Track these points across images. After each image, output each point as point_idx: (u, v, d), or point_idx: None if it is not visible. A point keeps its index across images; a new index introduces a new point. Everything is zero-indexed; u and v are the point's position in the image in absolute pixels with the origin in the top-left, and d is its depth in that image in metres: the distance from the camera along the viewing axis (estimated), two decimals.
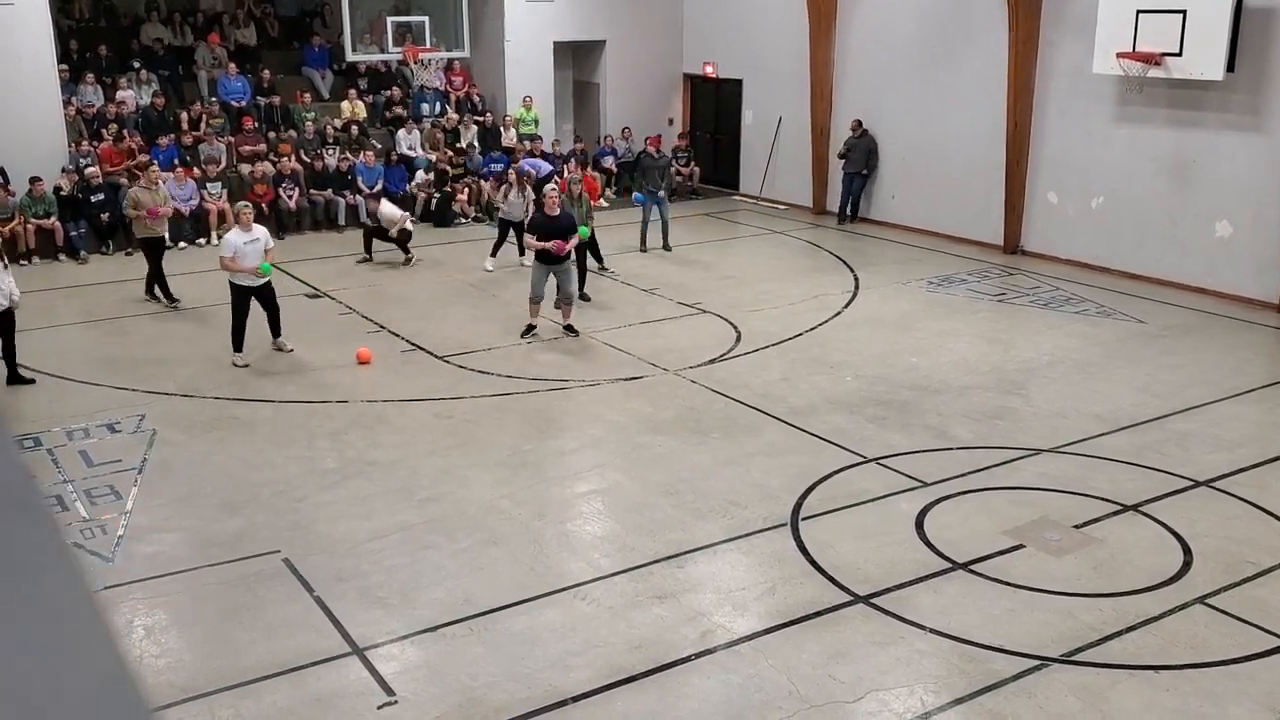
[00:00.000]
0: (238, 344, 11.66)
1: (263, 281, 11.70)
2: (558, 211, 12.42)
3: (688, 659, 6.43)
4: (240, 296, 11.69)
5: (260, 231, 11.79)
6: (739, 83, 21.53)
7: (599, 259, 15.50)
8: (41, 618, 0.57)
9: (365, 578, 7.36)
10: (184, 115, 18.78)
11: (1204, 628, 6.78)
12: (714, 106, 22.52)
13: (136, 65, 19.23)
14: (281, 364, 11.78)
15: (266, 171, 18.15)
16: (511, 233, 15.71)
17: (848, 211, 19.10)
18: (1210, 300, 14.22)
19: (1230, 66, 13.58)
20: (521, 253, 15.73)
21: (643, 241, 16.90)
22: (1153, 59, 14.05)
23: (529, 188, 15.84)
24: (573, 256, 12.72)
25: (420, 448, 9.60)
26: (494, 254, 15.95)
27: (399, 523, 8.16)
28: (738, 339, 12.71)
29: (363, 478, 8.99)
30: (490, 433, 9.97)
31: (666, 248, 16.84)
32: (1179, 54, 13.83)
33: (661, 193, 16.71)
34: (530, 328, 12.63)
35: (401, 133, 19.88)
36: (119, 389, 10.99)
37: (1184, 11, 13.67)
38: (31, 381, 11.15)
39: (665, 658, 6.44)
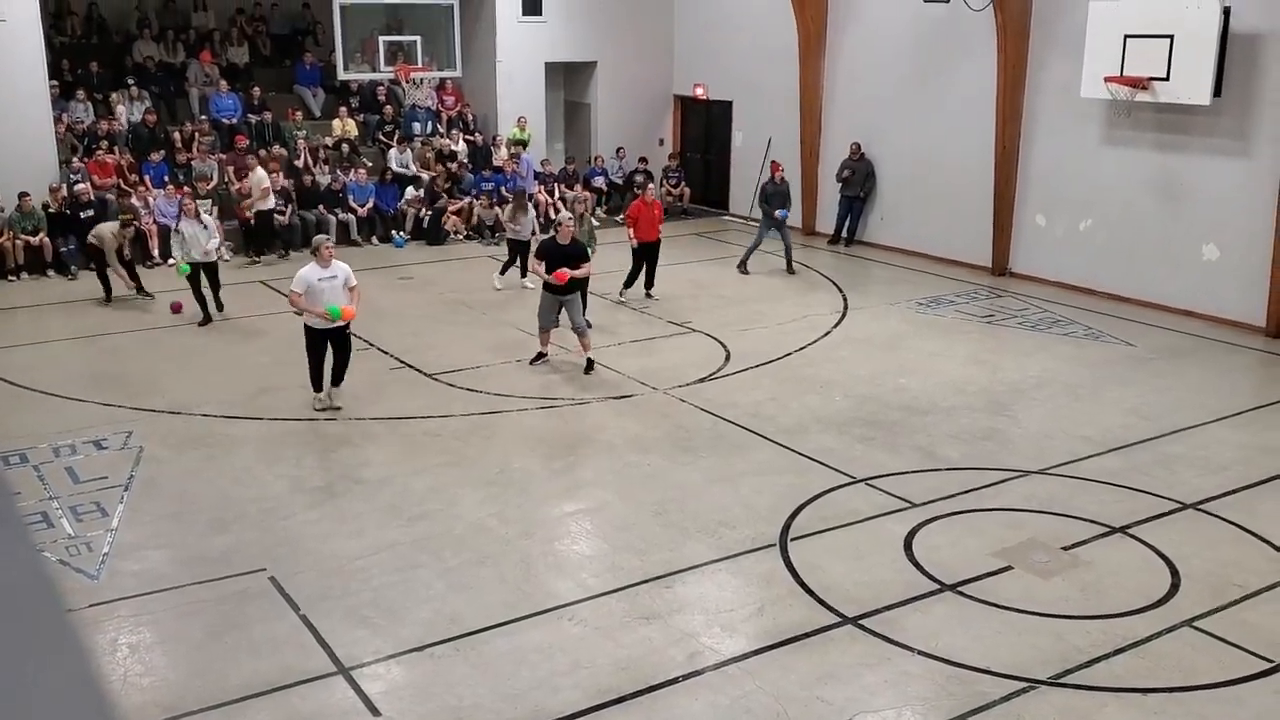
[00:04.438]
0: (316, 384, 10.76)
1: (334, 326, 10.48)
2: (569, 240, 12.17)
3: (675, 680, 6.40)
4: (312, 339, 10.60)
5: (340, 268, 10.61)
6: (729, 104, 21.63)
7: (631, 283, 15.36)
8: (13, 636, 0.56)
9: (352, 596, 7.32)
10: (176, 133, 18.80)
11: (1192, 650, 6.78)
12: (704, 127, 22.61)
13: (130, 82, 19.24)
14: (270, 382, 11.74)
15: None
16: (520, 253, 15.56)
17: (843, 235, 19.12)
18: (1198, 323, 14.28)
19: (1217, 91, 13.69)
20: (524, 274, 15.67)
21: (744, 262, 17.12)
22: (1140, 83, 14.16)
23: (530, 205, 15.76)
24: (585, 285, 12.46)
25: (408, 466, 9.58)
26: (503, 273, 15.87)
27: (386, 541, 8.12)
28: (727, 358, 12.72)
29: (350, 496, 8.95)
30: (479, 451, 9.95)
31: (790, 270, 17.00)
32: (1166, 78, 13.94)
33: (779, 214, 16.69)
34: (540, 355, 12.31)
35: (394, 151, 19.92)
36: (106, 405, 10.94)
37: (1171, 36, 13.79)
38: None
39: (653, 679, 6.41)
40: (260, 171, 17.45)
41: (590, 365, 12.16)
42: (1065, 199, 16.09)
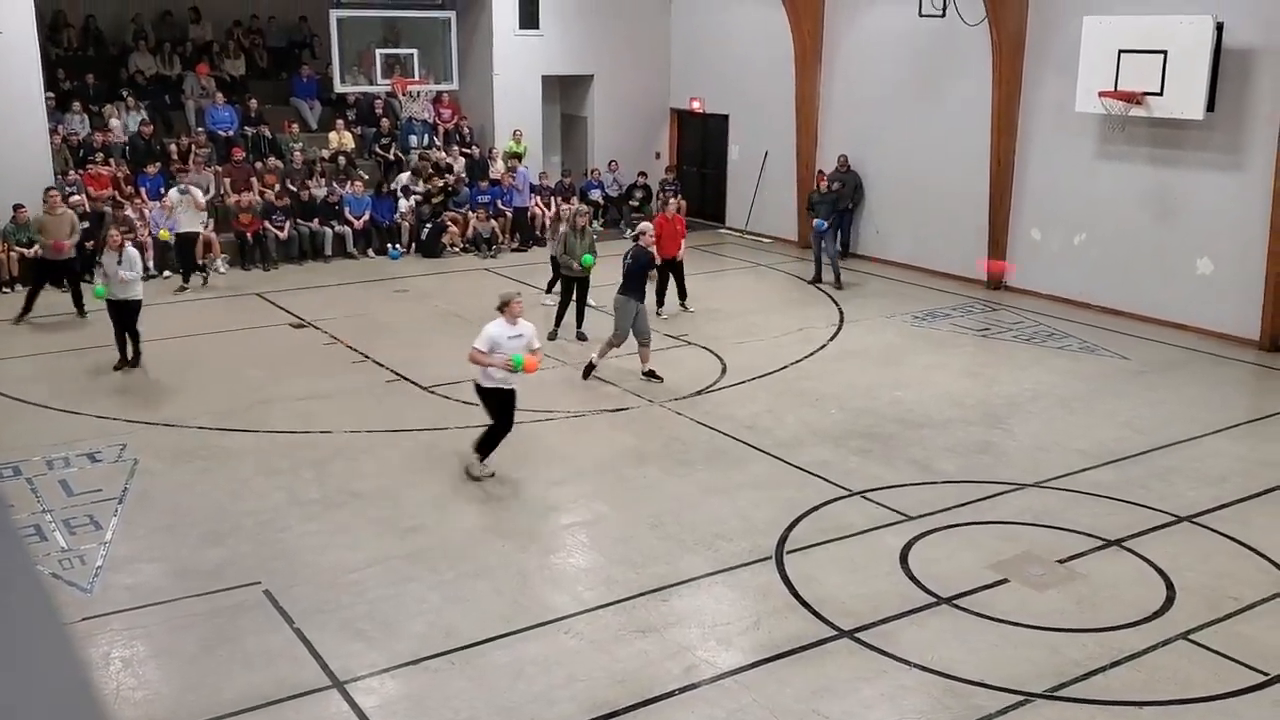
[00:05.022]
0: (486, 449, 9.60)
1: (510, 388, 9.58)
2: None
3: (671, 694, 6.39)
4: (490, 400, 9.57)
5: (527, 327, 9.56)
6: (725, 118, 21.68)
7: (662, 300, 15.33)
8: (10, 648, 0.56)
9: (347, 609, 7.31)
10: (173, 145, 18.80)
11: (1188, 663, 6.78)
12: (700, 141, 22.66)
13: (125, 94, 19.26)
14: (265, 394, 11.72)
15: (254, 202, 18.16)
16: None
17: (837, 246, 19.17)
18: (1192, 336, 14.31)
19: (1210, 106, 13.74)
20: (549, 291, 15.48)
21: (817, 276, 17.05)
22: (1134, 98, 14.21)
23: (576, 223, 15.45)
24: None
25: (404, 478, 9.56)
26: (549, 290, 15.63)
27: (381, 554, 8.11)
28: (723, 371, 12.73)
29: (346, 508, 8.94)
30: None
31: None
32: (1160, 93, 13.99)
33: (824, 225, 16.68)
34: (591, 367, 12.30)
35: (405, 175, 19.83)
36: (100, 418, 10.92)
37: (1165, 52, 13.84)
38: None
39: (649, 692, 6.40)
40: (194, 190, 16.36)
41: (652, 375, 12.19)
42: (1060, 213, 16.13)
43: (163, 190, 17.73)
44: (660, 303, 15.31)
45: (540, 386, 12.13)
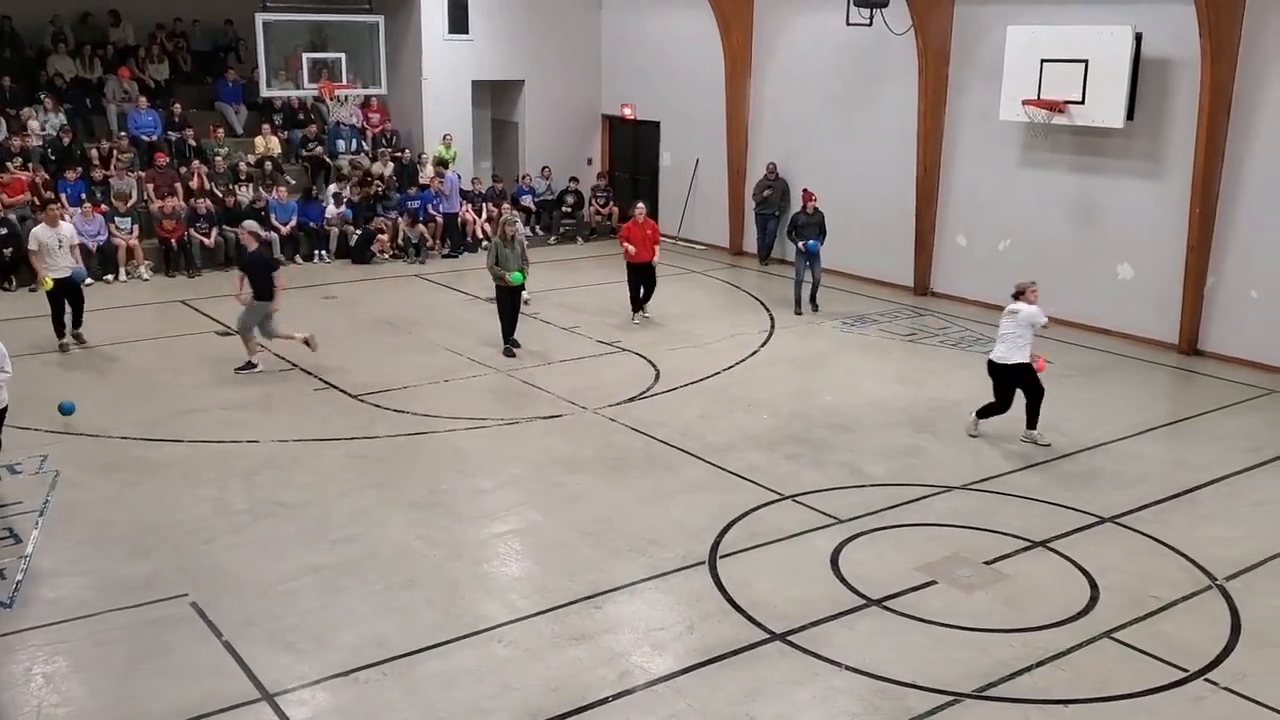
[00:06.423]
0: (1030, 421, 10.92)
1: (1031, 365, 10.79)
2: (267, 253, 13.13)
3: (605, 700, 6.39)
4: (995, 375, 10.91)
5: (1025, 309, 10.74)
6: (657, 125, 21.75)
7: (637, 305, 15.24)
8: None
9: (276, 621, 7.20)
10: (94, 150, 18.40)
11: (1111, 661, 6.93)
12: (632, 147, 22.70)
13: (43, 97, 18.80)
14: (190, 404, 11.51)
15: (178, 207, 17.82)
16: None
17: (763, 252, 19.36)
18: (1114, 341, 14.64)
19: (1130, 115, 14.10)
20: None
21: (798, 302, 16.08)
22: (1057, 106, 14.52)
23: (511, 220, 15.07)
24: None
25: (333, 488, 9.45)
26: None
27: (311, 565, 8.01)
28: (657, 377, 12.76)
29: (274, 519, 8.81)
30: (405, 472, 9.85)
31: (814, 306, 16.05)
32: (1081, 102, 14.31)
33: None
34: (250, 364, 12.62)
35: (333, 186, 19.59)
36: (21, 429, 10.62)
37: (1086, 61, 14.16)
38: None
39: (583, 700, 6.39)
40: (65, 226, 13.55)
41: (249, 365, 12.59)
42: (985, 219, 16.42)
43: (83, 196, 17.35)
44: (637, 307, 15.23)
45: (472, 395, 12.08)
